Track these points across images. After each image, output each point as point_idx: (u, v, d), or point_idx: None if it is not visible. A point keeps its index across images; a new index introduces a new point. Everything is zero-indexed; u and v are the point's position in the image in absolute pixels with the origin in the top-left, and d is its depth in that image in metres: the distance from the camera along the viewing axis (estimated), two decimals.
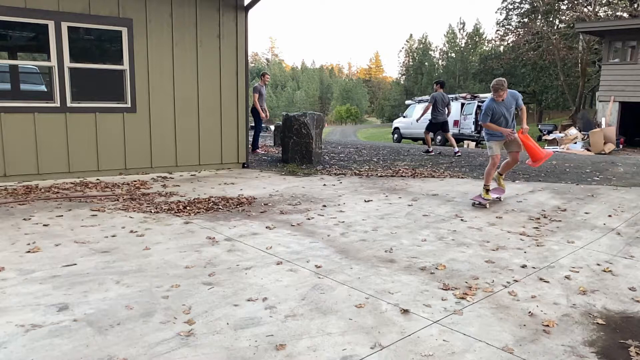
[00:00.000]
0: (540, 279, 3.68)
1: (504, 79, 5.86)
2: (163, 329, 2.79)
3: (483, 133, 6.41)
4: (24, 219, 5.14)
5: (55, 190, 6.70)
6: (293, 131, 9.95)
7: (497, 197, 6.23)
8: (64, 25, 7.32)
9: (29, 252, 4.09)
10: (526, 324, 2.94)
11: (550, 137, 20.58)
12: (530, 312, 3.11)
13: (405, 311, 3.08)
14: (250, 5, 8.90)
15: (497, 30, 46.84)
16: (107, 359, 2.46)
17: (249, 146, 10.15)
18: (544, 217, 5.64)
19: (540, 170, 9.10)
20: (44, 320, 2.87)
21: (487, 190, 6.04)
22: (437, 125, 11.80)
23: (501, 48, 48.67)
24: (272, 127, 12.32)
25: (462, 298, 3.30)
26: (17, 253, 4.05)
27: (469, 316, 3.04)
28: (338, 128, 59.34)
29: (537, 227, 5.18)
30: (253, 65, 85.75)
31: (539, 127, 27.01)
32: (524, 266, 3.97)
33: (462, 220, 5.46)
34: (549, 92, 41.74)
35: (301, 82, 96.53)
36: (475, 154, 11.74)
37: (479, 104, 21.95)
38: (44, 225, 4.93)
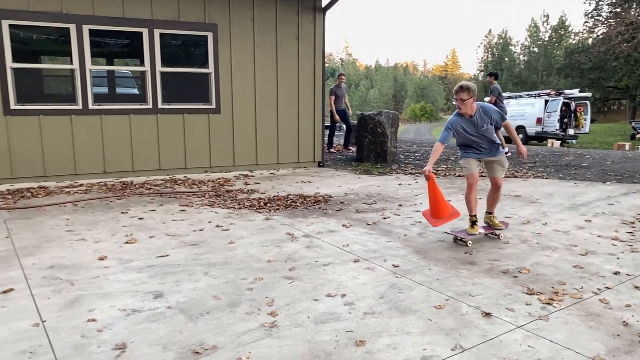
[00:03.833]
0: (636, 287, 3.45)
1: (472, 83, 4.44)
2: (248, 319, 2.94)
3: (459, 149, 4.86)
4: (122, 212, 5.59)
5: (148, 186, 7.21)
6: (368, 130, 9.97)
7: (490, 233, 4.82)
8: (157, 32, 7.84)
9: (127, 242, 4.45)
10: (620, 334, 2.78)
11: None
12: (624, 321, 2.93)
13: (487, 314, 3.02)
14: (328, 6, 9.03)
15: (585, 22, 43.87)
16: (199, 344, 2.64)
17: (324, 145, 10.30)
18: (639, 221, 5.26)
19: (634, 171, 8.46)
20: (142, 306, 3.12)
21: (474, 223, 4.64)
22: None
23: (589, 41, 45.60)
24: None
25: (548, 303, 3.17)
26: (116, 244, 4.43)
27: (556, 322, 2.92)
28: (412, 126, 58.42)
29: (631, 232, 4.84)
30: (328, 65, 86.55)
31: (632, 124, 25.06)
32: (616, 273, 3.74)
33: (547, 222, 5.22)
34: None
35: (375, 80, 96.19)
36: (560, 153, 11.11)
37: (565, 100, 20.81)
38: (139, 218, 5.33)
